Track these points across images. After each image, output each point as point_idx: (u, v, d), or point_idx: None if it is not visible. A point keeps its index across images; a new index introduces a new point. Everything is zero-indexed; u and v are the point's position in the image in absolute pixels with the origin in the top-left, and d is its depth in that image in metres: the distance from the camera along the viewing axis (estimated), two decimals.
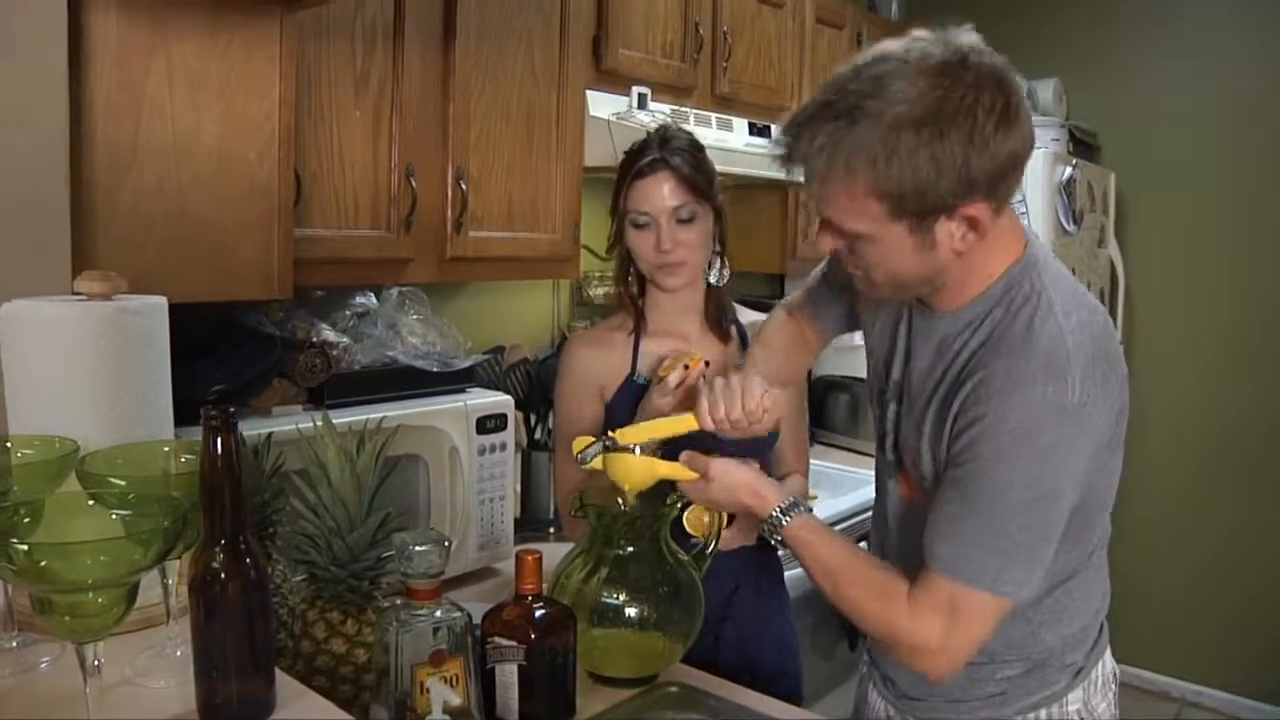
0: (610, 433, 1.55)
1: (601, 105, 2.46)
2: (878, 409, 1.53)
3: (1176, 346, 3.94)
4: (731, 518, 1.71)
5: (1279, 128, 3.71)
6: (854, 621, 1.40)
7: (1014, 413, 1.21)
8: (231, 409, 0.95)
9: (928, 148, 1.13)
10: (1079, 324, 1.27)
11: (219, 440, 0.95)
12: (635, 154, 1.81)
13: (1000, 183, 1.19)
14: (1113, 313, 4.01)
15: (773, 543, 1.46)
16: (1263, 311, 3.68)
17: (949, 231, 1.22)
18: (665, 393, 1.72)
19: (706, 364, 1.76)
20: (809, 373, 3.64)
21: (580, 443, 1.56)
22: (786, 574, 2.06)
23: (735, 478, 1.48)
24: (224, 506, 0.95)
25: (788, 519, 1.42)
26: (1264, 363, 3.73)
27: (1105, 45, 3.99)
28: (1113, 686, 1.52)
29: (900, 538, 1.49)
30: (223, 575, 0.96)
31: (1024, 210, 3.35)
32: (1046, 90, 3.89)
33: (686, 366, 1.73)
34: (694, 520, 1.71)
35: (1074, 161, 3.56)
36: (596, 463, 1.53)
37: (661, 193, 1.77)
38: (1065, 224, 3.46)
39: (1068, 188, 3.45)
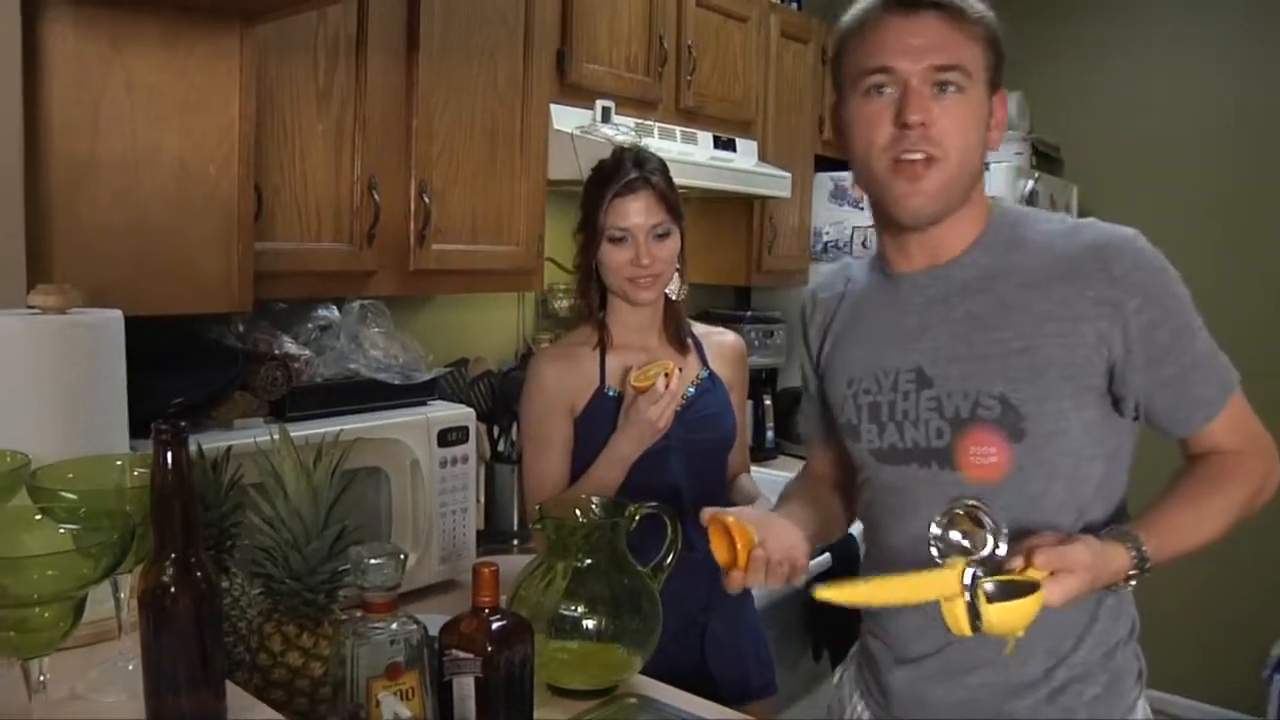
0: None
1: (565, 119, 2.47)
2: (889, 422, 1.41)
3: None
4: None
5: (1239, 141, 3.77)
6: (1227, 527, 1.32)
7: (1144, 248, 1.31)
8: (182, 423, 0.95)
9: (998, 23, 1.36)
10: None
11: (169, 454, 0.95)
12: (611, 172, 1.85)
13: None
14: None
15: (1127, 587, 1.27)
16: (1223, 322, 3.70)
17: (997, 116, 1.36)
18: (654, 400, 1.77)
19: (679, 370, 1.82)
20: (773, 383, 3.67)
21: (960, 614, 1.15)
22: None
23: (1096, 551, 1.20)
24: (174, 520, 0.95)
25: (1144, 545, 1.24)
26: None
27: (1068, 60, 4.05)
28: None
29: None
30: (173, 589, 0.96)
31: None
32: (1010, 104, 3.94)
33: (666, 374, 1.77)
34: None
35: (1036, 175, 3.60)
36: (990, 624, 1.14)
37: (642, 211, 1.83)
38: None
39: (1029, 200, 3.49)
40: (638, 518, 1.54)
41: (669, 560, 1.59)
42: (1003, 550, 1.20)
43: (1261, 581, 3.83)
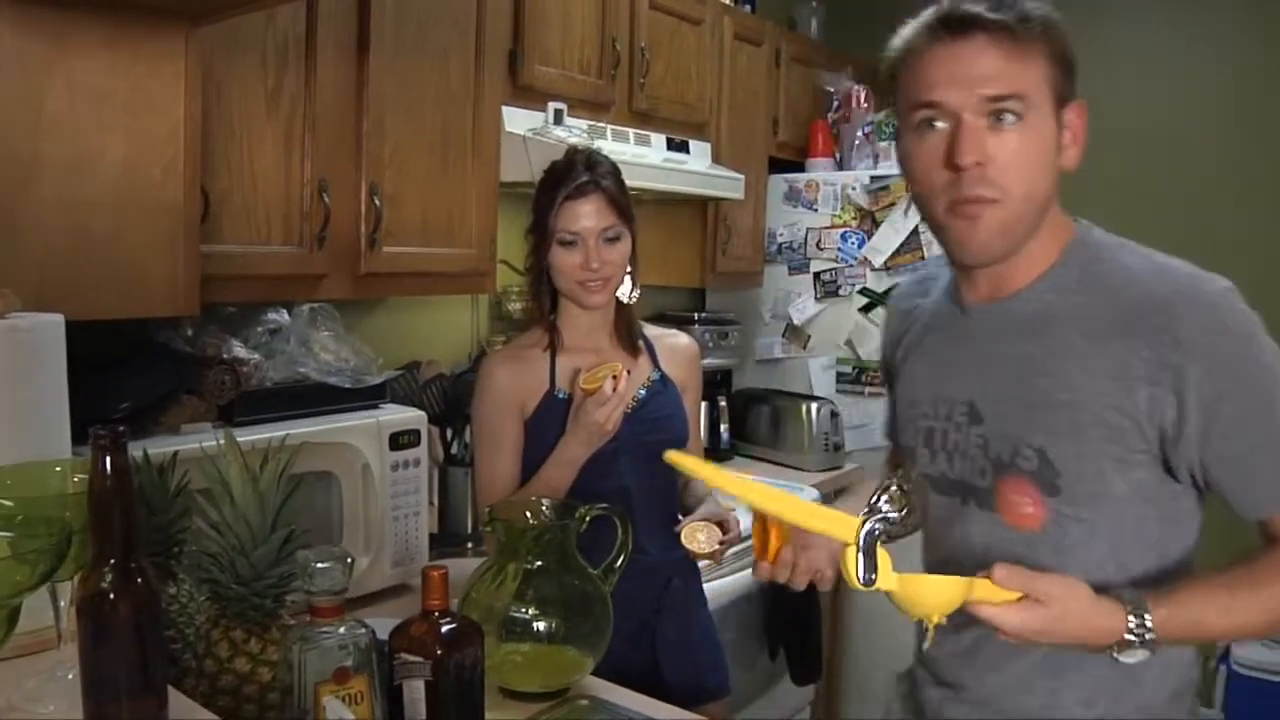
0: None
1: (518, 121, 2.47)
2: (940, 451, 1.37)
3: None
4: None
5: (1207, 140, 3.80)
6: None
7: (1222, 308, 1.19)
8: (121, 427, 0.94)
9: (1061, 25, 1.22)
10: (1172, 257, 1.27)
11: (108, 459, 0.94)
12: (562, 174, 1.85)
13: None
14: None
15: (1130, 657, 1.16)
16: None
17: (1065, 126, 1.24)
18: (601, 402, 1.77)
19: (628, 372, 1.82)
20: (728, 384, 3.69)
21: (850, 561, 1.14)
22: (705, 586, 2.10)
23: (1081, 597, 1.15)
24: (113, 526, 0.94)
25: (1148, 613, 1.14)
26: None
27: None
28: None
29: None
30: (112, 596, 0.95)
31: None
32: None
33: (614, 377, 1.77)
34: (691, 538, 1.76)
35: None
36: (885, 579, 1.15)
37: (593, 214, 1.83)
38: None
39: None
40: (588, 519, 1.55)
41: (620, 562, 1.60)
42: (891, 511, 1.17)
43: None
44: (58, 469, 1.19)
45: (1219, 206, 3.78)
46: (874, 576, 1.13)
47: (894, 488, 1.19)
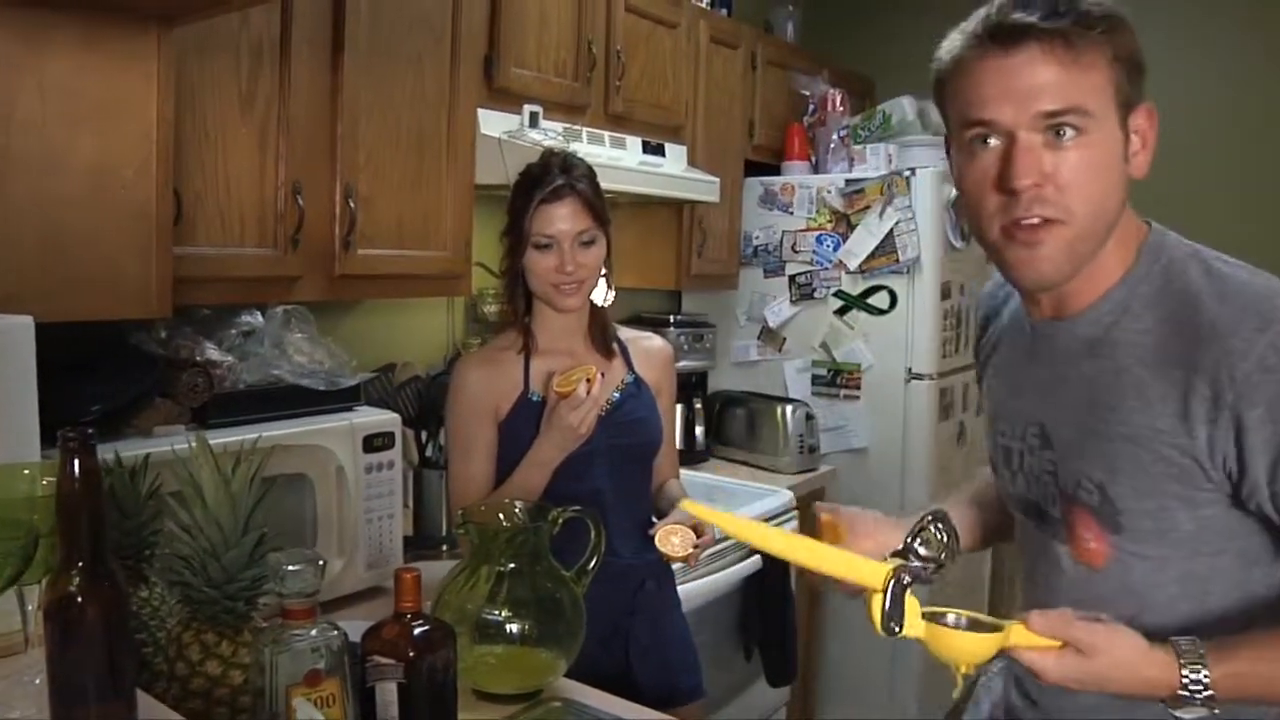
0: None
1: (493, 124, 2.47)
2: (1019, 472, 1.32)
3: None
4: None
5: (1170, 144, 3.82)
6: None
7: None
8: (90, 429, 0.94)
9: (1128, 21, 1.12)
10: (1244, 264, 1.16)
11: (76, 461, 0.94)
12: (538, 178, 1.86)
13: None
14: None
15: (1188, 714, 1.07)
16: None
17: (1133, 132, 1.15)
18: (575, 405, 1.77)
19: (602, 375, 1.83)
20: (704, 386, 3.70)
21: (876, 609, 1.13)
22: (680, 588, 2.11)
23: (1128, 646, 1.07)
24: (82, 529, 0.94)
25: (1204, 667, 1.05)
26: None
27: None
28: None
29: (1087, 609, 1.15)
30: (79, 599, 0.95)
31: (913, 227, 3.44)
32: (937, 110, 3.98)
33: (588, 380, 1.78)
34: (665, 541, 1.77)
35: None
36: (912, 627, 1.12)
37: (568, 217, 1.84)
38: (953, 240, 3.56)
39: (955, 205, 3.55)
40: (560, 521, 1.55)
41: (593, 564, 1.60)
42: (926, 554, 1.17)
43: None
44: (26, 471, 1.18)
45: (1217, 210, 3.82)
46: (898, 627, 1.10)
47: (930, 528, 1.17)
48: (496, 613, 1.48)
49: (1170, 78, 3.93)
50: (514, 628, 1.48)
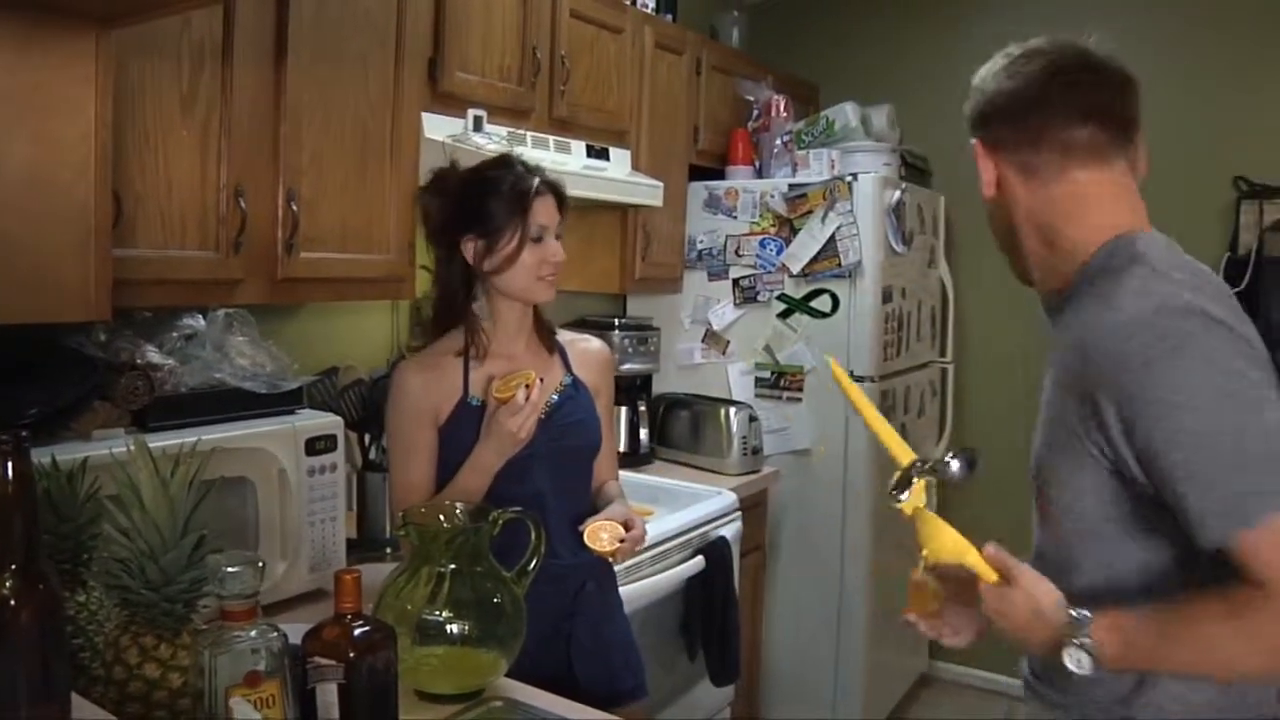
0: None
1: (437, 127, 2.48)
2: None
3: (1004, 362, 4.13)
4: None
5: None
6: (1234, 670, 1.19)
7: (1131, 337, 1.19)
8: (23, 432, 0.95)
9: (996, 78, 1.40)
10: (1185, 272, 1.28)
11: (9, 464, 0.94)
12: (519, 175, 1.90)
13: (1022, 118, 1.37)
14: (943, 331, 4.20)
15: (1072, 660, 1.20)
16: None
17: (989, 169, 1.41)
18: (514, 411, 1.78)
19: (541, 380, 1.84)
20: (648, 389, 3.72)
21: (895, 480, 1.39)
22: (623, 589, 2.13)
23: (1043, 590, 1.25)
24: (14, 532, 0.95)
25: (1086, 619, 1.20)
26: None
27: (936, 74, 4.17)
28: None
29: (1051, 561, 1.37)
30: (12, 602, 0.95)
31: (855, 231, 3.49)
32: (880, 117, 4.04)
33: (527, 385, 1.79)
34: (594, 537, 1.82)
35: (903, 185, 3.72)
36: (911, 504, 1.37)
37: (551, 211, 1.91)
38: (895, 244, 3.62)
39: (896, 210, 3.61)
40: (501, 523, 1.57)
41: (533, 565, 1.62)
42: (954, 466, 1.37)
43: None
44: None
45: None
46: (902, 495, 1.36)
47: (966, 457, 1.38)
48: (437, 613, 1.50)
49: None
50: (455, 628, 1.50)
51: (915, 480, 1.36)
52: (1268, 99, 3.73)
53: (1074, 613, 1.21)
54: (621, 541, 1.81)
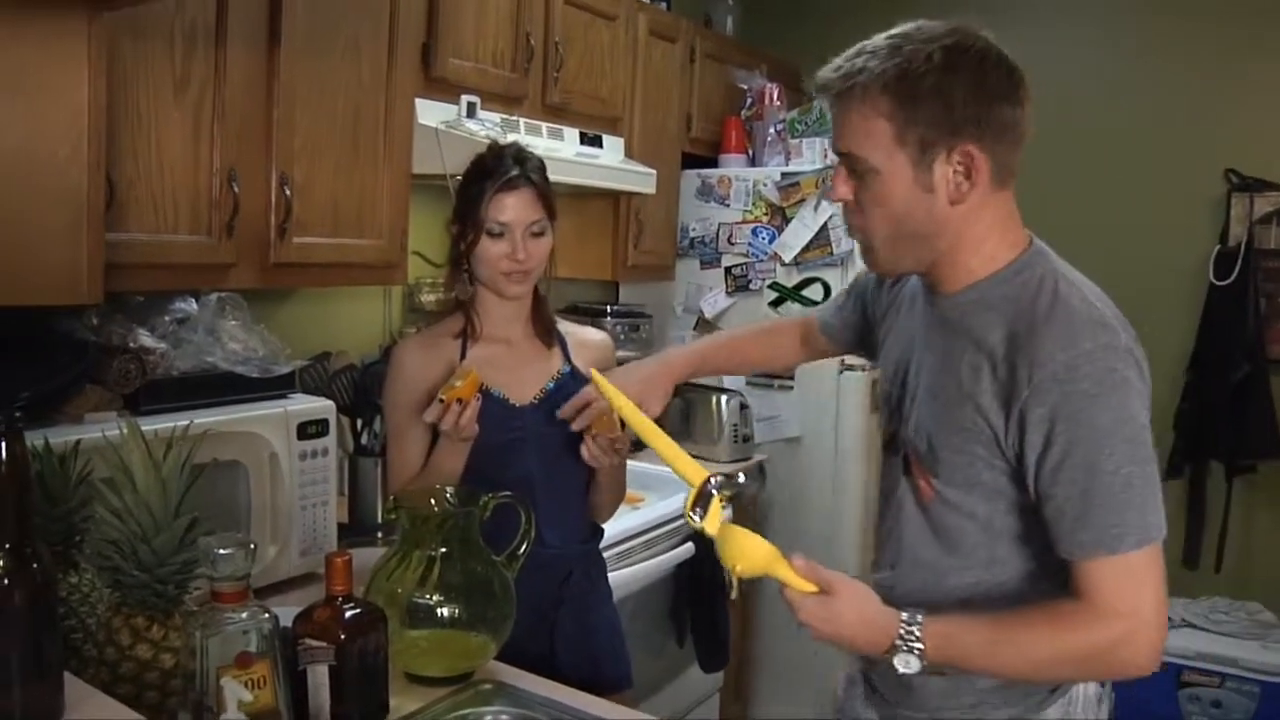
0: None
1: (430, 113, 2.48)
2: (887, 413, 1.55)
3: None
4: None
5: (1062, 154, 3.86)
6: (1058, 674, 1.35)
7: (1081, 366, 1.24)
8: (16, 414, 0.95)
9: (935, 75, 1.27)
10: (1098, 297, 1.33)
11: (2, 446, 0.95)
12: (493, 167, 1.88)
13: (998, 136, 1.30)
14: None
15: (902, 663, 1.28)
16: None
17: (945, 175, 1.30)
18: (453, 413, 1.76)
19: (483, 388, 1.81)
20: None
21: (690, 501, 1.39)
22: (612, 575, 2.13)
23: (864, 595, 1.32)
24: (7, 512, 0.95)
25: (918, 624, 1.28)
26: None
27: None
28: (1104, 706, 1.45)
29: (916, 540, 1.45)
30: (5, 581, 0.95)
31: None
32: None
33: (457, 399, 1.75)
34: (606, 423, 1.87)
35: None
36: (710, 523, 1.36)
37: (521, 206, 1.87)
38: None
39: None
40: (490, 507, 1.57)
41: (523, 549, 1.63)
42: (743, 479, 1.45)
43: None
44: None
45: (1069, 201, 3.90)
46: (699, 517, 1.35)
47: (756, 469, 1.41)
48: (427, 597, 1.50)
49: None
50: (445, 611, 1.51)
51: (714, 496, 1.37)
52: (1259, 92, 3.74)
53: (905, 615, 1.28)
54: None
